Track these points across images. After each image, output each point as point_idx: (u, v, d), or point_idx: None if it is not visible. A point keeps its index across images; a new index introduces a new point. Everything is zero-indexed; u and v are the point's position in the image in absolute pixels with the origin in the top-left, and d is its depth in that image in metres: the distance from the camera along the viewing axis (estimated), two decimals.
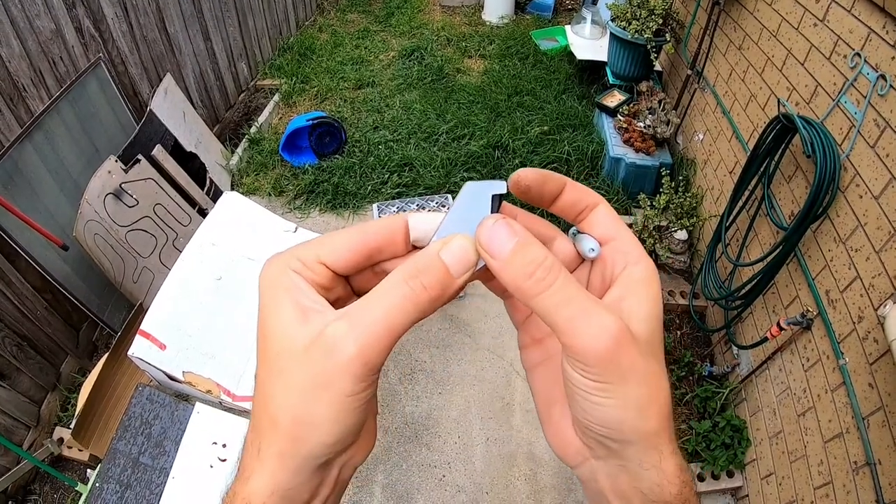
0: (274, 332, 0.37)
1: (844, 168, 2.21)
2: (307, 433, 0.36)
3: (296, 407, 0.36)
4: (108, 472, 2.63)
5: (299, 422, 0.36)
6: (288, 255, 0.40)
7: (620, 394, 0.35)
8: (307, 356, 0.35)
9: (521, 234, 0.37)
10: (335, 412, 0.36)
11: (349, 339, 0.35)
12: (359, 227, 0.41)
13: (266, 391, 0.37)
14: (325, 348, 0.35)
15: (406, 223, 0.41)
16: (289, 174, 4.41)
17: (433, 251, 0.38)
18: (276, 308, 0.38)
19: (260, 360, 0.39)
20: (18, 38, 2.65)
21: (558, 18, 6.72)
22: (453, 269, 0.37)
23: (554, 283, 0.35)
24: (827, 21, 2.41)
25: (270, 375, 0.37)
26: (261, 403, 0.38)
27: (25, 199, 2.68)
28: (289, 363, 0.36)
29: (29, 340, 2.79)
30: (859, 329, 2.02)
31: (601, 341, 0.34)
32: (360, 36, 6.29)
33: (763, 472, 2.56)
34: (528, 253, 0.36)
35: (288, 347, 0.36)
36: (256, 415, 0.38)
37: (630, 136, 4.04)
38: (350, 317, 0.36)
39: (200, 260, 3.21)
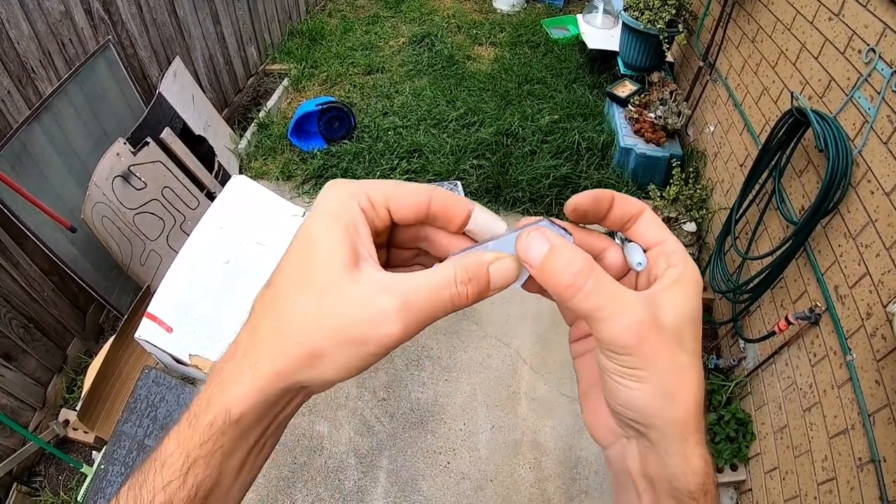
0: (320, 263, 0.38)
1: (856, 164, 2.19)
2: (315, 368, 0.38)
3: (321, 343, 0.37)
4: (114, 455, 2.65)
5: (316, 355, 0.37)
6: (359, 188, 0.42)
7: (645, 380, 0.38)
8: (354, 310, 0.37)
9: (553, 240, 0.39)
10: (354, 364, 0.38)
11: (397, 321, 0.37)
12: (427, 189, 0.43)
13: (289, 310, 0.38)
14: (374, 316, 0.37)
15: (470, 212, 0.43)
16: (297, 159, 4.40)
17: (486, 262, 0.40)
18: (331, 240, 0.39)
19: (293, 269, 0.40)
20: (27, 20, 2.64)
21: (570, 7, 6.67)
22: (493, 284, 0.40)
23: (585, 285, 0.38)
24: (842, 15, 2.39)
25: (303, 295, 0.38)
26: (276, 311, 0.39)
27: (34, 180, 2.68)
28: (330, 301, 0.37)
29: (36, 322, 2.80)
30: (867, 325, 2.01)
31: (628, 332, 0.38)
32: (371, 21, 6.26)
33: (767, 467, 2.55)
34: (559, 258, 0.39)
35: (334, 284, 0.38)
36: (262, 325, 0.39)
37: (641, 127, 4.02)
38: (403, 296, 0.37)
39: (208, 243, 3.21)
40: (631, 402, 0.40)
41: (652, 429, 0.40)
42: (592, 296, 0.38)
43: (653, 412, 0.39)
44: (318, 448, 2.87)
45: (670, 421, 0.39)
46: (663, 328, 0.39)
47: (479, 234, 0.44)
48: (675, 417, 0.39)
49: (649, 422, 0.40)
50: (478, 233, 0.44)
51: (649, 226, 0.45)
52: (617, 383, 0.40)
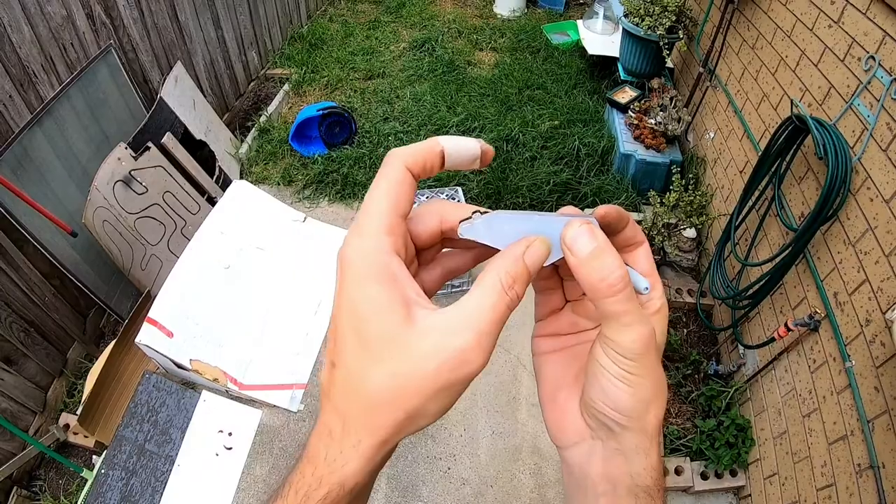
0: (378, 326, 0.39)
1: (856, 171, 2.19)
2: (415, 424, 0.40)
3: (412, 403, 0.39)
4: (114, 459, 2.65)
5: (411, 415, 0.39)
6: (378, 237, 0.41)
7: (638, 385, 0.42)
8: (432, 364, 0.38)
9: (600, 239, 0.41)
10: (446, 407, 0.40)
11: (476, 354, 0.39)
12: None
13: (369, 382, 0.39)
14: (454, 362, 0.38)
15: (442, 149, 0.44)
16: (298, 164, 4.41)
17: (519, 255, 0.41)
18: (378, 304, 0.39)
19: (354, 348, 0.40)
20: (29, 24, 2.65)
21: (570, 13, 6.69)
22: (532, 270, 0.42)
23: (622, 291, 0.41)
24: (842, 23, 2.40)
25: (377, 369, 0.39)
26: (357, 392, 0.40)
27: (35, 185, 2.69)
28: (405, 365, 0.38)
29: (36, 326, 2.80)
30: (866, 332, 2.01)
31: (641, 341, 0.41)
32: (371, 26, 6.27)
33: (766, 472, 2.56)
34: (605, 259, 0.41)
35: (401, 347, 0.38)
36: (351, 403, 0.40)
37: (641, 133, 4.02)
38: (472, 329, 0.39)
39: (209, 248, 3.22)
40: (619, 404, 0.43)
41: (627, 430, 0.44)
42: (625, 301, 0.41)
43: (634, 415, 0.43)
44: None
45: (644, 424, 0.44)
46: (657, 346, 0.44)
47: (458, 162, 0.45)
48: (648, 421, 0.44)
49: (628, 423, 0.44)
50: (457, 160, 0.45)
51: (646, 258, 0.49)
52: (613, 385, 0.43)
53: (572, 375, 0.51)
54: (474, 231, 0.44)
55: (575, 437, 0.49)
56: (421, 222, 0.46)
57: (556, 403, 0.51)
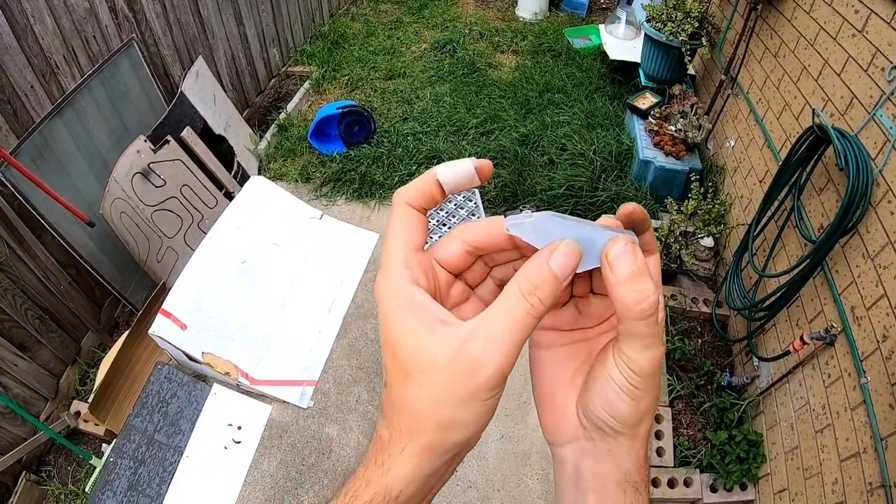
0: (406, 347, 0.43)
1: (877, 183, 2.16)
2: (451, 434, 0.42)
3: (441, 412, 0.41)
4: (123, 448, 2.67)
5: (444, 425, 0.42)
6: (400, 272, 0.45)
7: (640, 399, 0.45)
8: (450, 372, 0.41)
9: (640, 262, 0.42)
10: (477, 416, 0.42)
11: (488, 359, 0.40)
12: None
13: (405, 398, 0.43)
14: (468, 367, 0.40)
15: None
16: (316, 161, 4.42)
17: (543, 261, 0.42)
18: (404, 324, 0.43)
19: (392, 369, 0.44)
20: (52, 15, 2.68)
21: (592, 17, 6.66)
22: (561, 276, 0.42)
23: (653, 315, 0.42)
24: (866, 32, 2.36)
25: (409, 385, 0.42)
26: (399, 407, 0.43)
27: (54, 175, 2.72)
28: (430, 377, 0.41)
29: (51, 314, 2.83)
30: (883, 348, 1.98)
31: (655, 362, 0.44)
32: (393, 26, 6.28)
33: (777, 487, 2.52)
34: (645, 282, 0.41)
35: (425, 361, 0.42)
36: (396, 417, 0.44)
37: (660, 140, 3.99)
38: (484, 336, 0.41)
39: (225, 243, 3.23)
40: (620, 414, 0.45)
41: (621, 435, 0.47)
42: (653, 325, 0.42)
43: (630, 423, 0.46)
44: (327, 450, 2.87)
45: (637, 431, 0.47)
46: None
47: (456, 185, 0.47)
48: (641, 430, 0.47)
49: (622, 430, 0.46)
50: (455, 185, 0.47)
51: (655, 268, 0.48)
52: (619, 397, 0.45)
53: (569, 374, 0.52)
54: (521, 229, 0.44)
55: (569, 437, 0.51)
56: (443, 249, 0.49)
57: (553, 402, 0.53)
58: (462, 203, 4.00)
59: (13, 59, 2.51)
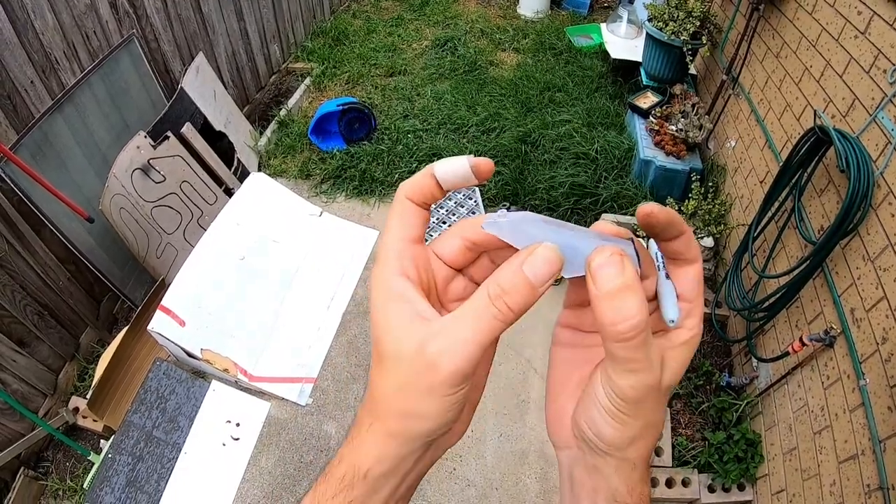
0: (384, 336, 0.43)
1: (878, 185, 2.16)
2: (413, 423, 0.43)
3: (403, 402, 0.42)
4: (122, 444, 2.67)
5: (406, 414, 0.43)
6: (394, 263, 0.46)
7: (626, 424, 0.42)
8: (411, 366, 0.41)
9: (628, 277, 0.38)
10: (437, 409, 0.42)
11: (445, 358, 0.40)
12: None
13: (376, 383, 0.44)
14: (427, 363, 0.40)
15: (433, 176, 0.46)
16: (316, 158, 4.42)
17: (517, 266, 0.40)
18: (385, 314, 0.44)
19: (374, 355, 0.45)
20: (53, 11, 2.67)
21: (594, 16, 6.65)
22: (536, 282, 0.40)
23: (633, 339, 0.38)
24: (868, 34, 2.36)
25: (381, 371, 0.44)
26: (372, 390, 0.45)
27: (54, 170, 2.71)
28: (397, 366, 0.42)
29: (50, 310, 2.83)
30: (882, 350, 1.98)
31: (638, 390, 0.41)
32: (394, 23, 6.27)
33: (774, 488, 2.52)
34: (625, 302, 0.38)
35: (395, 351, 0.42)
36: (369, 398, 0.45)
37: (661, 139, 3.99)
38: (446, 336, 0.41)
39: (224, 239, 3.23)
40: (602, 434, 0.43)
41: (609, 455, 0.44)
42: (633, 350, 0.39)
43: (615, 447, 0.44)
44: (325, 448, 2.88)
45: (623, 457, 0.44)
46: (662, 389, 0.43)
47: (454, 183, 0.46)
48: (628, 456, 0.44)
49: (608, 452, 0.44)
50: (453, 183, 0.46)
51: (693, 281, 0.47)
52: (602, 418, 0.43)
53: (575, 380, 0.50)
54: (497, 227, 0.43)
55: (565, 442, 0.50)
56: (443, 244, 0.49)
57: (557, 404, 0.52)
58: (462, 201, 4.00)
59: (13, 54, 2.51)
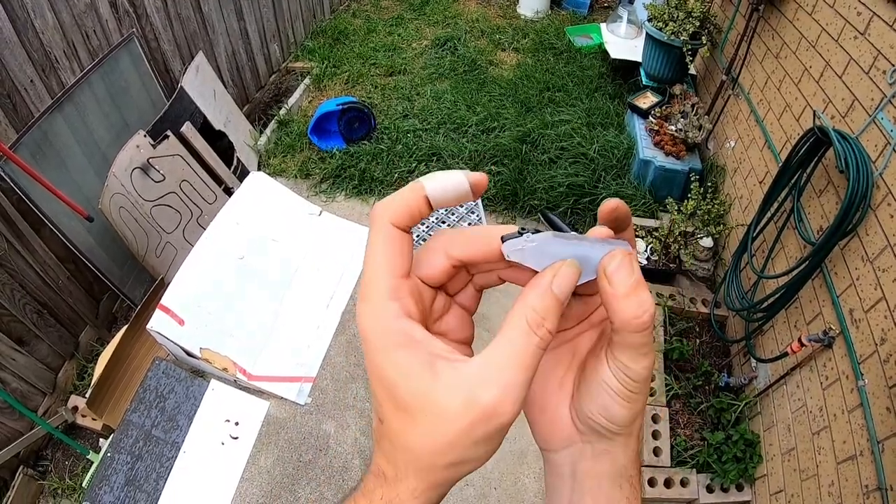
0: (407, 390, 0.40)
1: (877, 186, 2.16)
2: (463, 469, 0.41)
3: (457, 454, 0.40)
4: (121, 443, 2.67)
5: (457, 463, 0.40)
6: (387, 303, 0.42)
7: (636, 402, 0.45)
8: (464, 421, 0.38)
9: (638, 274, 0.42)
10: (490, 451, 0.41)
11: (505, 407, 0.38)
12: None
13: (411, 440, 0.40)
14: (484, 416, 0.38)
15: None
16: (316, 157, 4.42)
17: (546, 288, 0.40)
18: (395, 363, 0.40)
19: (390, 409, 0.41)
20: (52, 10, 2.67)
21: (594, 16, 6.65)
22: (563, 300, 0.41)
23: (649, 326, 0.41)
24: (868, 34, 2.36)
25: (415, 428, 0.40)
26: (404, 448, 0.41)
27: (53, 169, 2.71)
28: (440, 423, 0.39)
29: (49, 308, 2.83)
30: (881, 351, 1.98)
31: (650, 370, 0.44)
32: (394, 23, 6.27)
33: (773, 489, 2.53)
34: (643, 295, 0.41)
35: (433, 408, 0.39)
36: (400, 455, 0.41)
37: (661, 139, 3.99)
38: (496, 379, 0.39)
39: (224, 238, 3.23)
40: (616, 416, 0.45)
41: (618, 435, 0.47)
42: (648, 336, 0.42)
43: (627, 424, 0.46)
44: (324, 447, 2.88)
45: (633, 430, 0.47)
46: None
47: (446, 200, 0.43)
48: (636, 427, 0.47)
49: (620, 430, 0.46)
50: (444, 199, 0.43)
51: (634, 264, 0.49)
52: (616, 402, 0.45)
53: (558, 380, 0.51)
54: (522, 255, 0.42)
55: (565, 442, 0.50)
56: (426, 265, 0.46)
57: (545, 411, 0.52)
58: None
59: (13, 53, 2.51)
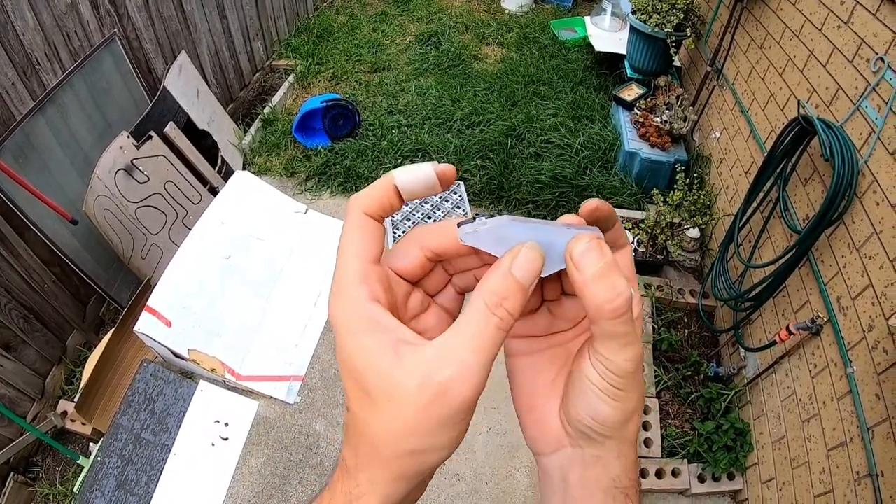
0: (371, 375, 0.40)
1: (862, 174, 2.17)
2: (425, 458, 0.40)
3: (415, 442, 0.39)
4: (111, 447, 2.65)
5: (417, 452, 0.40)
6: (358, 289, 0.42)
7: (623, 400, 0.43)
8: (420, 402, 0.38)
9: (608, 257, 0.40)
10: (452, 439, 0.40)
11: (458, 386, 0.38)
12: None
13: (373, 427, 0.40)
14: (440, 396, 0.38)
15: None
16: (301, 155, 4.40)
17: (506, 270, 0.40)
18: (363, 348, 0.40)
19: (356, 397, 0.41)
20: (33, 11, 2.64)
21: (578, 9, 6.64)
22: (525, 283, 0.40)
23: (627, 312, 0.40)
24: (851, 23, 2.37)
25: (376, 412, 0.40)
26: (366, 437, 0.41)
27: (36, 172, 2.68)
28: (398, 405, 0.39)
29: (36, 313, 2.80)
30: (869, 338, 1.99)
31: (634, 361, 0.41)
32: (378, 19, 6.24)
33: (764, 477, 2.54)
34: (614, 279, 0.39)
35: (393, 391, 0.39)
36: (363, 445, 0.41)
37: (646, 131, 4.00)
38: (451, 360, 0.38)
39: (209, 238, 3.21)
40: (605, 418, 0.43)
41: (609, 439, 0.45)
42: (627, 324, 0.40)
43: (617, 425, 0.44)
44: (314, 446, 2.87)
45: (625, 433, 0.45)
46: None
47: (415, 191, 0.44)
48: (628, 432, 0.45)
49: (611, 434, 0.44)
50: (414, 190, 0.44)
51: (628, 263, 0.48)
52: (601, 400, 0.43)
53: (549, 381, 0.50)
54: (476, 238, 0.42)
55: (554, 445, 0.49)
56: (401, 257, 0.46)
57: (533, 412, 0.51)
58: (446, 195, 3.99)
59: None
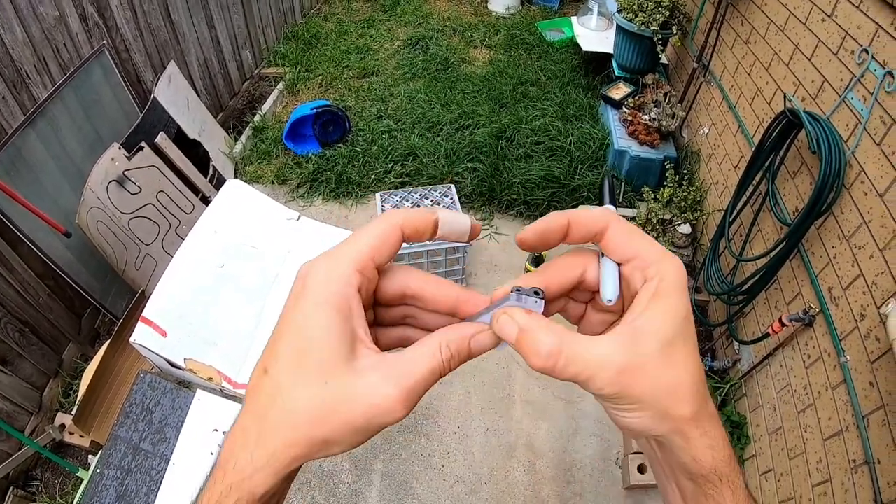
0: (320, 354, 0.40)
1: (850, 165, 2.19)
2: (329, 449, 0.40)
3: (332, 434, 0.39)
4: (109, 459, 2.64)
5: (328, 442, 0.40)
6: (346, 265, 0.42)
7: (639, 410, 0.41)
8: (357, 406, 0.39)
9: (521, 322, 0.41)
10: (360, 443, 0.41)
11: (401, 407, 0.39)
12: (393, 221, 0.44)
13: (296, 403, 0.39)
14: (378, 411, 0.39)
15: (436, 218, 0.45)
16: (292, 162, 4.40)
17: (468, 335, 0.44)
18: (328, 331, 0.40)
19: (287, 359, 0.40)
20: (22, 25, 2.64)
21: (564, 9, 6.67)
22: (473, 353, 0.44)
23: (558, 362, 0.40)
24: (835, 16, 2.40)
25: (307, 392, 0.39)
26: (282, 408, 0.40)
27: (28, 186, 2.68)
28: (336, 398, 0.39)
29: (31, 327, 2.80)
30: (861, 327, 2.01)
31: (611, 385, 0.40)
32: (366, 25, 6.26)
33: (762, 469, 2.56)
34: (530, 341, 0.40)
35: (335, 379, 0.39)
36: (270, 415, 0.40)
37: (635, 129, 4.02)
38: (403, 384, 0.40)
39: (203, 247, 3.21)
40: (631, 427, 0.42)
41: (651, 439, 0.46)
42: (569, 366, 0.40)
43: (654, 430, 0.42)
44: None
45: (670, 431, 0.42)
46: (647, 358, 0.40)
47: (449, 233, 0.46)
48: (673, 428, 0.42)
49: (653, 435, 0.43)
50: (449, 232, 0.46)
51: (620, 239, 0.45)
52: (615, 414, 0.42)
53: None
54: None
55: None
56: (387, 280, 0.47)
57: None
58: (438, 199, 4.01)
59: None
